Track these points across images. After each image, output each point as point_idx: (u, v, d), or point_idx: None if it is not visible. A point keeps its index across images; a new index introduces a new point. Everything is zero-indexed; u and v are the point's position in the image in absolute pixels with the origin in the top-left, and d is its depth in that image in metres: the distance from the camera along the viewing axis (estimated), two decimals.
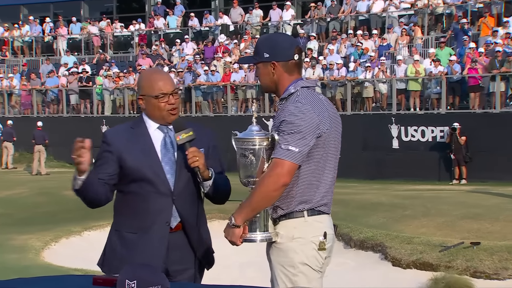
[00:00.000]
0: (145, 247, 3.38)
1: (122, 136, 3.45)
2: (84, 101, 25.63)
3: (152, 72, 3.68)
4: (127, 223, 3.44)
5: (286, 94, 3.42)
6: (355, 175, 18.38)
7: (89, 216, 12.54)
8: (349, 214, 12.72)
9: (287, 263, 3.33)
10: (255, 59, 3.51)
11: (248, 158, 3.34)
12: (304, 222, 3.35)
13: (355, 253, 11.08)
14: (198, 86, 23.07)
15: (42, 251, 11.50)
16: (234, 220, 3.28)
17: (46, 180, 20.01)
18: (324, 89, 21.18)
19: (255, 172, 3.33)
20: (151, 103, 3.46)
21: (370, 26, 24.06)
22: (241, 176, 3.40)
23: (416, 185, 17.05)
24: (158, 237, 3.40)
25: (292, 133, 3.24)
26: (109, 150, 3.40)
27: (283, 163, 3.22)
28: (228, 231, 3.30)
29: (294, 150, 3.22)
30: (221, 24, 27.12)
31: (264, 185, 3.23)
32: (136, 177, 3.38)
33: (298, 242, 3.33)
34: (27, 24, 31.63)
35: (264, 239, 3.35)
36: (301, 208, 3.34)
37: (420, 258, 9.98)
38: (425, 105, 20.08)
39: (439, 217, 12.26)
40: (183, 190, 3.47)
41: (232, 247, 3.38)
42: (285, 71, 3.44)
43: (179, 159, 3.46)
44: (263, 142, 3.33)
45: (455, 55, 19.78)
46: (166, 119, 3.47)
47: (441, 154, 18.14)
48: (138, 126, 3.50)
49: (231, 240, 3.30)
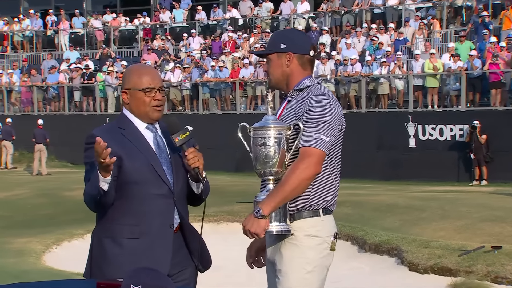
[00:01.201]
0: (150, 252, 3.37)
1: (113, 137, 3.38)
2: (87, 98, 25.72)
3: (140, 67, 3.69)
4: (125, 228, 3.39)
5: (301, 86, 3.52)
6: (370, 175, 18.36)
7: (91, 218, 12.54)
8: (364, 216, 12.70)
9: (303, 260, 3.42)
10: (270, 49, 3.59)
11: (268, 147, 3.39)
12: (321, 221, 3.46)
13: (369, 257, 11.06)
14: (206, 83, 23.09)
15: (43, 255, 11.54)
16: (262, 210, 3.31)
17: (47, 180, 20.08)
18: (337, 85, 21.18)
19: (275, 162, 3.40)
20: (137, 97, 3.47)
21: (386, 20, 24.02)
22: (258, 167, 3.45)
23: (434, 186, 17.00)
24: (162, 241, 3.41)
25: (322, 122, 3.34)
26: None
27: (315, 152, 3.32)
28: (253, 223, 3.33)
29: (325, 139, 3.33)
30: (230, 18, 27.13)
31: (297, 173, 3.30)
32: (136, 179, 3.36)
33: (315, 241, 3.43)
34: (28, 18, 31.77)
35: (284, 231, 3.41)
36: (316, 205, 3.45)
37: (438, 262, 9.94)
38: (443, 102, 20.02)
39: (458, 219, 12.21)
40: (181, 190, 3.50)
41: (241, 250, 3.40)
42: (300, 65, 3.56)
43: (175, 159, 3.49)
44: (286, 131, 3.38)
45: (475, 50, 19.72)
46: (150, 115, 3.48)
47: (461, 153, 18.08)
48: (127, 126, 3.48)
49: (255, 232, 3.33)
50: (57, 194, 16.79)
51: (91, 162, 3.33)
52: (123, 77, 3.58)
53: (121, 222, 3.40)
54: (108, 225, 3.43)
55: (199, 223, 3.43)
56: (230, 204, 13.96)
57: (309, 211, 3.45)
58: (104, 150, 3.10)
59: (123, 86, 3.53)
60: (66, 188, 17.55)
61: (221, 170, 19.24)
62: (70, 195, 16.54)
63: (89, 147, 3.36)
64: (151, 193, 3.39)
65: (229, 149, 19.96)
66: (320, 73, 20.80)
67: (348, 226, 11.55)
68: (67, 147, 23.55)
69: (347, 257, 10.45)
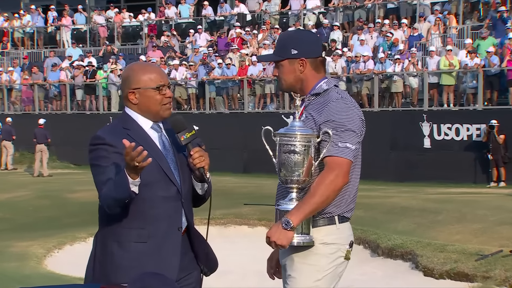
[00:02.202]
0: (158, 256, 3.37)
1: (120, 137, 3.33)
2: (90, 96, 25.77)
3: (144, 65, 3.68)
4: (133, 232, 3.38)
5: (318, 90, 3.52)
6: (383, 177, 18.33)
7: (95, 221, 12.60)
8: (377, 219, 12.70)
9: (314, 268, 3.44)
10: (280, 56, 3.58)
11: (297, 155, 3.40)
12: (336, 230, 3.49)
13: (382, 262, 11.06)
14: (212, 81, 23.12)
15: (44, 259, 11.58)
16: (292, 222, 3.33)
17: (49, 182, 20.16)
18: (349, 83, 21.16)
19: (302, 171, 3.41)
20: (148, 96, 3.46)
21: (400, 15, 23.98)
22: (283, 174, 3.46)
23: (450, 188, 16.97)
24: (171, 244, 3.41)
25: (347, 130, 3.37)
26: (118, 152, 3.29)
27: (342, 162, 3.35)
28: (280, 234, 3.34)
29: (351, 147, 3.37)
30: (237, 13, 27.15)
31: (327, 184, 3.33)
32: (146, 181, 3.34)
33: (329, 249, 3.46)
34: (29, 14, 31.87)
35: (306, 242, 3.43)
36: (332, 213, 3.47)
37: (454, 267, 9.93)
38: (459, 101, 19.97)
39: (475, 223, 12.19)
40: (188, 192, 3.52)
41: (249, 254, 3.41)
42: (313, 69, 3.57)
43: (180, 160, 3.49)
44: (315, 139, 3.41)
45: (493, 46, 19.66)
46: (162, 114, 3.49)
47: (478, 154, 18.04)
48: (132, 126, 3.46)
49: (281, 244, 3.35)
50: (59, 196, 16.85)
51: (104, 165, 3.32)
52: (126, 78, 3.52)
53: (128, 226, 3.39)
54: (114, 228, 3.41)
55: (205, 226, 3.44)
56: (238, 207, 13.97)
57: (324, 219, 3.47)
58: (139, 154, 3.11)
59: (130, 87, 3.48)
60: (68, 189, 17.62)
61: (228, 171, 19.26)
62: (72, 197, 16.61)
63: (96, 148, 3.37)
64: (160, 195, 3.40)
65: (237, 149, 19.98)
66: (330, 71, 20.79)
67: (360, 230, 11.53)
68: (69, 147, 23.64)
69: (359, 261, 10.43)
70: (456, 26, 22.50)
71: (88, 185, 17.82)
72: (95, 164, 3.37)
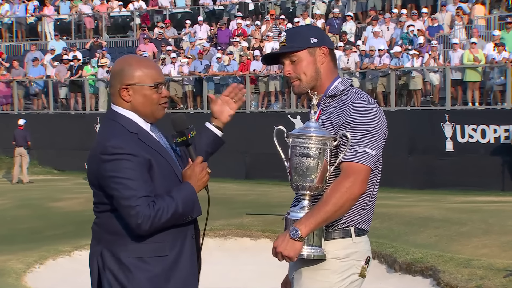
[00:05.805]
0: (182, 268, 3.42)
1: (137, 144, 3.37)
2: (75, 94, 25.80)
3: (140, 59, 3.66)
4: (152, 246, 3.38)
5: (334, 92, 3.52)
6: (401, 183, 18.33)
7: (80, 233, 12.64)
8: (394, 231, 12.69)
9: (324, 284, 3.44)
10: (300, 46, 3.53)
11: (311, 159, 3.39)
12: (352, 244, 3.50)
13: (400, 278, 11.05)
14: (211, 77, 23.12)
15: (24, 275, 11.57)
16: (301, 232, 3.31)
17: (29, 189, 20.16)
18: (363, 80, 21.18)
19: (316, 177, 3.40)
20: (143, 95, 3.47)
21: (419, 4, 24.01)
22: (295, 179, 3.45)
23: (475, 196, 16.96)
24: (190, 254, 3.48)
25: (367, 134, 3.36)
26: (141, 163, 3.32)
27: (361, 168, 3.34)
28: (287, 244, 3.32)
29: (371, 153, 3.35)
30: (239, 2, 27.20)
31: (342, 192, 3.31)
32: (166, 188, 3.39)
33: (342, 265, 3.46)
34: (7, 3, 31.95)
35: (316, 255, 3.42)
36: (347, 224, 3.47)
37: (480, 284, 9.92)
38: (486, 99, 19.98)
39: (503, 235, 12.18)
40: None
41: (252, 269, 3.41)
42: (332, 61, 3.57)
43: (183, 163, 3.56)
44: (331, 142, 3.40)
45: None
46: (156, 114, 3.51)
47: (506, 158, 18.05)
48: (136, 129, 3.45)
49: (288, 255, 3.33)
50: (41, 205, 16.84)
51: (132, 178, 3.29)
52: (119, 71, 3.51)
53: (148, 241, 3.37)
54: (131, 244, 3.39)
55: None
56: (239, 216, 13.95)
57: (339, 231, 3.47)
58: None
59: (123, 82, 3.47)
60: (51, 198, 17.61)
61: (229, 177, 19.25)
62: (55, 206, 16.60)
63: (115, 158, 3.32)
64: None
65: (238, 153, 19.96)
66: (342, 66, 20.80)
67: (375, 242, 11.52)
68: (52, 150, 23.66)
69: (374, 277, 10.41)
70: (482, 16, 22.50)
71: (72, 193, 17.88)
72: (119, 177, 3.31)
